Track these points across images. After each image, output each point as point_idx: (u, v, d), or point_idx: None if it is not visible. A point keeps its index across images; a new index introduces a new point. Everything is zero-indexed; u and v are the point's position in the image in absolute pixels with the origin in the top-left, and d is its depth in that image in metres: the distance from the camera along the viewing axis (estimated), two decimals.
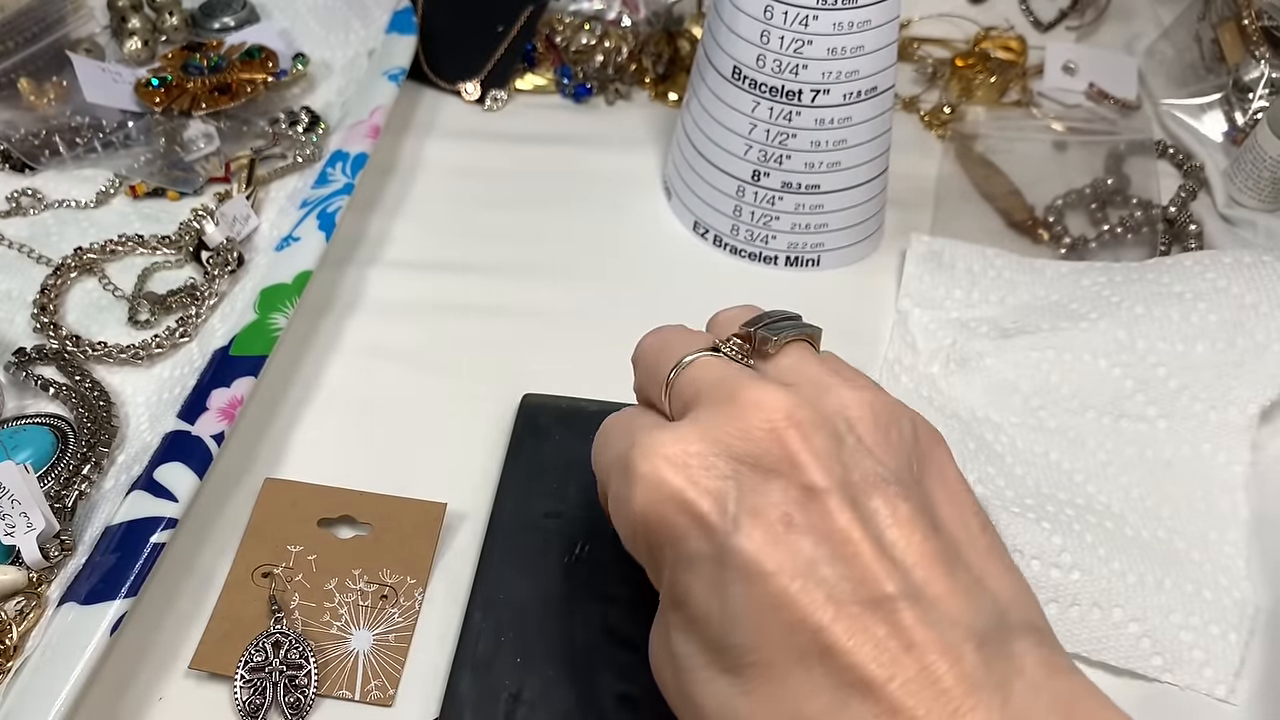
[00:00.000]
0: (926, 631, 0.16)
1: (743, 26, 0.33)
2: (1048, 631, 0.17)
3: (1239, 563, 0.28)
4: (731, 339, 0.20)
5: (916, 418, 0.19)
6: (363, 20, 0.44)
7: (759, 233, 0.37)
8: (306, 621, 0.26)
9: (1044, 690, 0.16)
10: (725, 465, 0.17)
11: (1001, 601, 0.17)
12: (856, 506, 0.17)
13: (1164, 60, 0.45)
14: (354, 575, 0.26)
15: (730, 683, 0.17)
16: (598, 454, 0.22)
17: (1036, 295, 0.35)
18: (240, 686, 0.24)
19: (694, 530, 0.17)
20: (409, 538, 0.27)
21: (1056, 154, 0.42)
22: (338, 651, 0.25)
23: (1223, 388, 0.31)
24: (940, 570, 0.17)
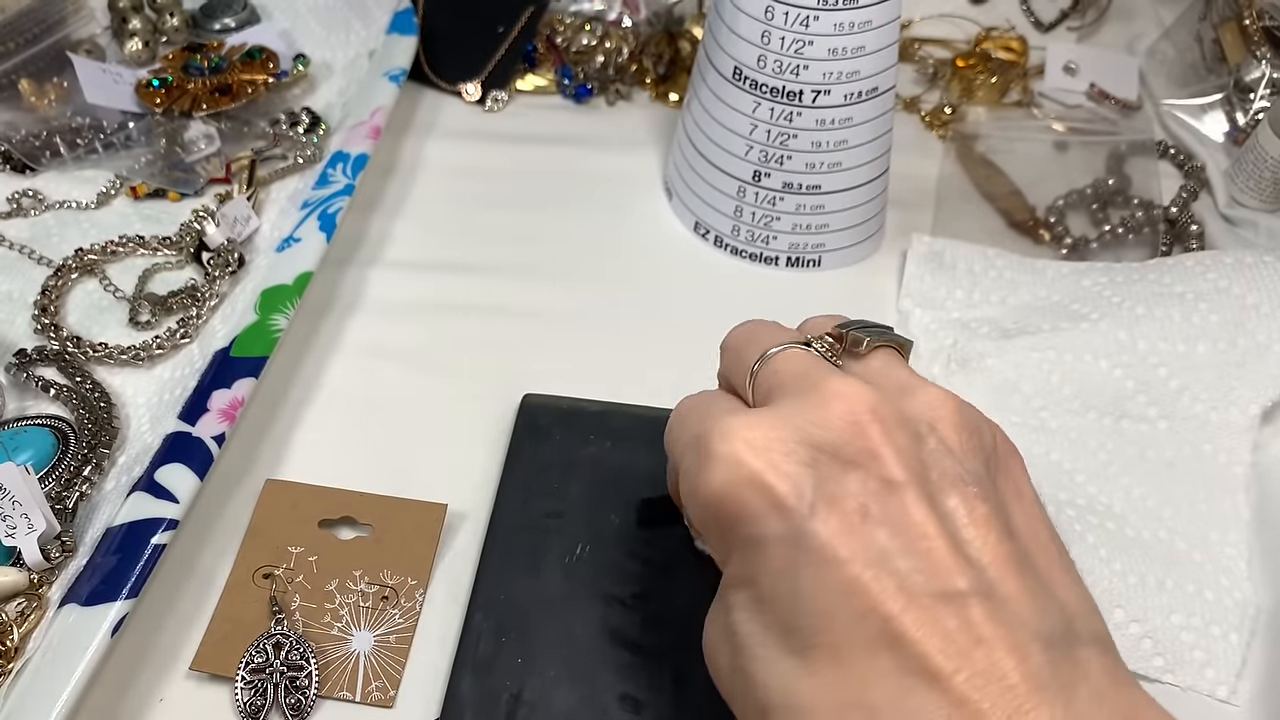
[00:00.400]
0: (996, 628, 0.16)
1: (743, 27, 0.33)
2: (1112, 645, 0.18)
3: (1240, 563, 0.28)
4: (823, 336, 0.21)
5: (996, 429, 0.20)
6: (363, 21, 0.44)
7: (760, 233, 0.37)
8: (307, 623, 0.26)
9: (1106, 699, 0.16)
10: (805, 452, 0.18)
11: (1069, 610, 0.17)
12: (934, 503, 0.17)
13: (1165, 60, 0.45)
14: (355, 576, 0.26)
15: (795, 664, 0.17)
16: (672, 433, 0.22)
17: (1037, 296, 0.35)
18: (241, 687, 0.24)
19: (770, 512, 0.17)
20: (410, 539, 0.27)
21: (1057, 154, 0.42)
22: (338, 652, 0.25)
23: (1224, 388, 0.31)
24: (1012, 572, 0.17)
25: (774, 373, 0.20)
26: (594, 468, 0.29)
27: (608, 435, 0.29)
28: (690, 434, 0.20)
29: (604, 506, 0.28)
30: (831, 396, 0.18)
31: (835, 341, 0.20)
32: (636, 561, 0.27)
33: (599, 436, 0.30)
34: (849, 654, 0.16)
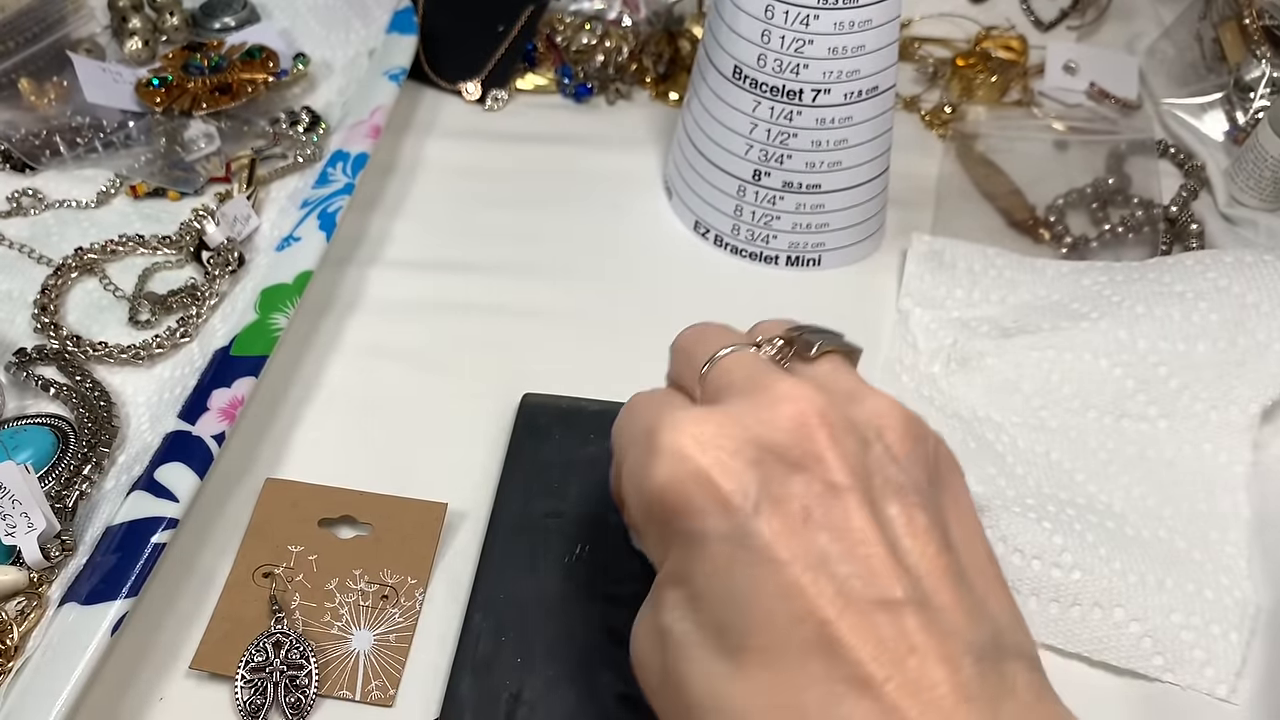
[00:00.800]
0: (929, 638, 0.16)
1: (743, 26, 0.33)
2: (1038, 661, 0.18)
3: (1240, 562, 0.28)
4: (773, 340, 0.20)
5: (940, 441, 0.20)
6: (363, 20, 0.44)
7: (760, 232, 0.37)
8: (307, 622, 0.26)
9: (1032, 713, 0.16)
10: (752, 452, 0.17)
11: (1000, 624, 0.17)
12: (875, 509, 0.17)
13: (1165, 59, 0.45)
14: (354, 575, 0.26)
15: (727, 666, 0.17)
16: (621, 426, 0.21)
17: (1037, 295, 0.35)
18: (241, 686, 0.24)
19: (714, 509, 0.17)
20: (409, 538, 0.27)
21: (1057, 153, 0.42)
22: (338, 652, 0.25)
23: (1224, 387, 0.31)
24: (948, 583, 0.17)
25: (723, 373, 0.20)
26: (594, 468, 0.29)
27: (607, 435, 0.29)
28: (638, 428, 0.20)
29: (604, 506, 0.28)
30: (780, 399, 0.18)
31: (785, 345, 0.20)
32: (636, 561, 0.27)
33: (599, 436, 0.30)
34: (782, 657, 0.16)
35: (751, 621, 0.16)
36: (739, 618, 0.17)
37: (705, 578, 0.17)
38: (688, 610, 0.18)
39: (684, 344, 0.22)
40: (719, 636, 0.17)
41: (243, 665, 0.25)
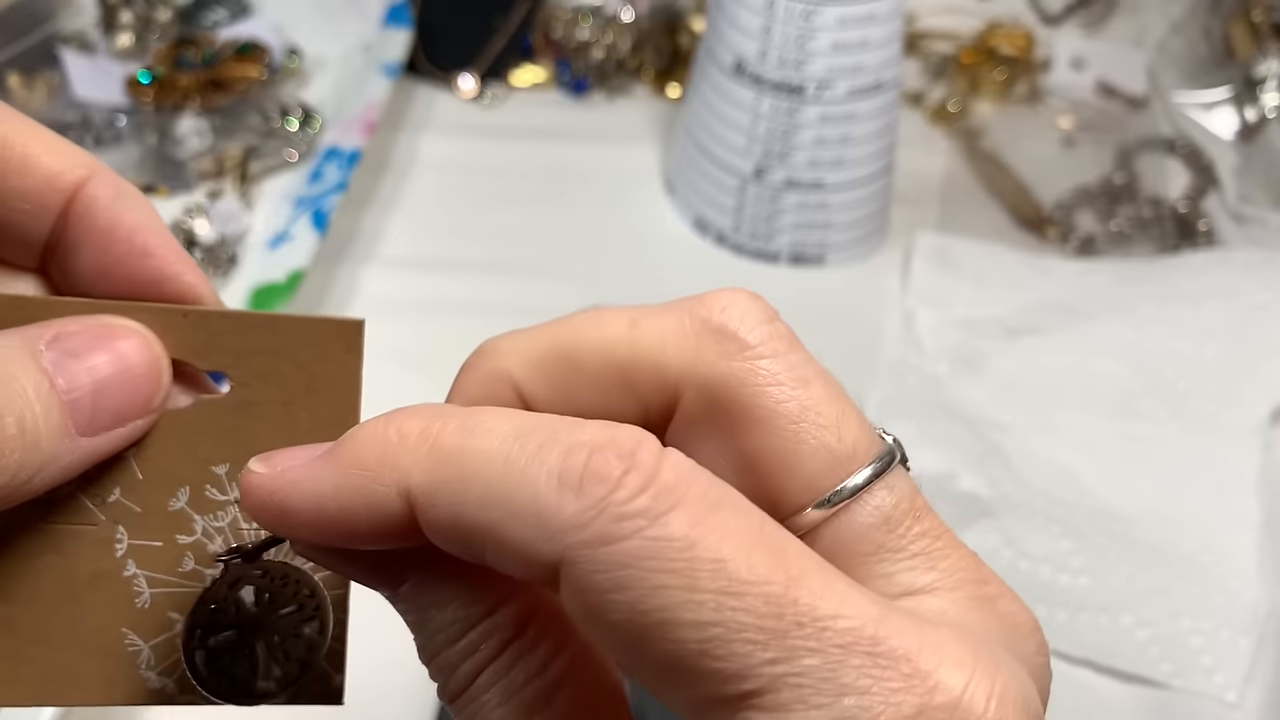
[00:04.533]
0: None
1: (745, 20, 0.33)
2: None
3: (1250, 566, 0.28)
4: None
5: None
6: (357, 14, 0.43)
7: (762, 230, 0.36)
8: (149, 576, 0.14)
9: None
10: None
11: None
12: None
13: (1173, 55, 0.44)
14: (217, 474, 0.14)
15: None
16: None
17: (1044, 294, 0.34)
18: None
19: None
20: (307, 392, 0.14)
21: (1064, 150, 0.41)
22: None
23: (1233, 388, 0.31)
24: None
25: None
26: None
27: None
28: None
29: None
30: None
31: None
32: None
33: None
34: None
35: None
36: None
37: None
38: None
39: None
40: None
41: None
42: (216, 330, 0.14)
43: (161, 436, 0.14)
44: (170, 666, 0.14)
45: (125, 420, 0.13)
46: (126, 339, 0.13)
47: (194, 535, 0.14)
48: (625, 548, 0.10)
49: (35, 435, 0.12)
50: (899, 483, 0.12)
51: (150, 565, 0.14)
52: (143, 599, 0.14)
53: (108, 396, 0.12)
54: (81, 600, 0.14)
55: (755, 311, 0.12)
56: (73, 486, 0.13)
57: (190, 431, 0.14)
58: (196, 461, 0.14)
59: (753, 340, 0.12)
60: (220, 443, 0.14)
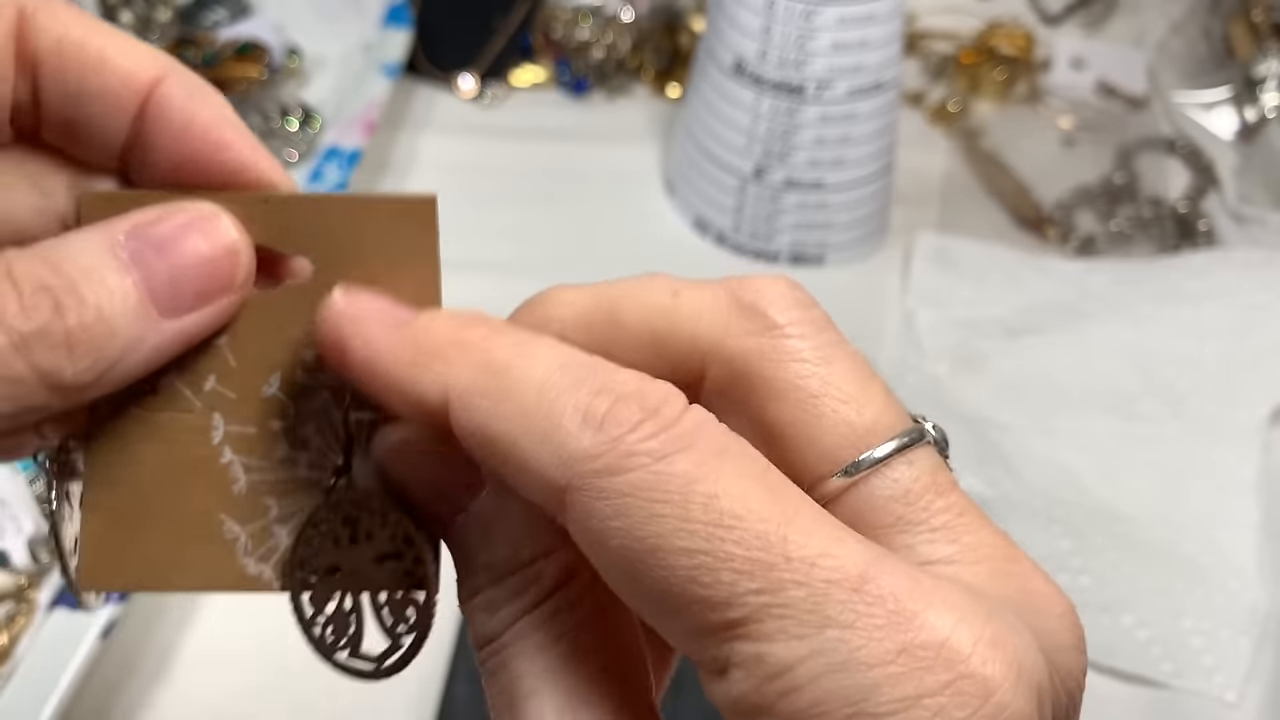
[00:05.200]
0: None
1: (745, 20, 0.33)
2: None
3: (1250, 566, 0.28)
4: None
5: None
6: (357, 14, 0.43)
7: (762, 230, 0.36)
8: (249, 463, 0.14)
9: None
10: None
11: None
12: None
13: (1173, 55, 0.44)
14: (308, 361, 0.14)
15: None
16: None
17: (1044, 294, 0.34)
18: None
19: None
20: (384, 269, 0.14)
21: (1064, 150, 0.41)
22: (312, 503, 0.14)
23: (1233, 388, 0.31)
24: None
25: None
26: None
27: None
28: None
29: None
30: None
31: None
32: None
33: None
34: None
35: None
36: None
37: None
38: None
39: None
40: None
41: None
42: (296, 214, 0.14)
43: (250, 322, 0.14)
44: (266, 553, 0.14)
45: (208, 300, 0.13)
46: (202, 220, 0.13)
47: (287, 421, 0.14)
48: (629, 479, 0.10)
49: (115, 321, 0.12)
50: (921, 459, 0.12)
51: (245, 452, 0.14)
52: (239, 485, 0.14)
53: (187, 277, 0.13)
54: (181, 486, 0.14)
55: (789, 295, 0.13)
56: (170, 375, 0.13)
57: (278, 316, 0.14)
58: (286, 346, 0.14)
59: (781, 320, 0.12)
60: (308, 328, 0.14)
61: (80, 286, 0.12)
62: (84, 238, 0.12)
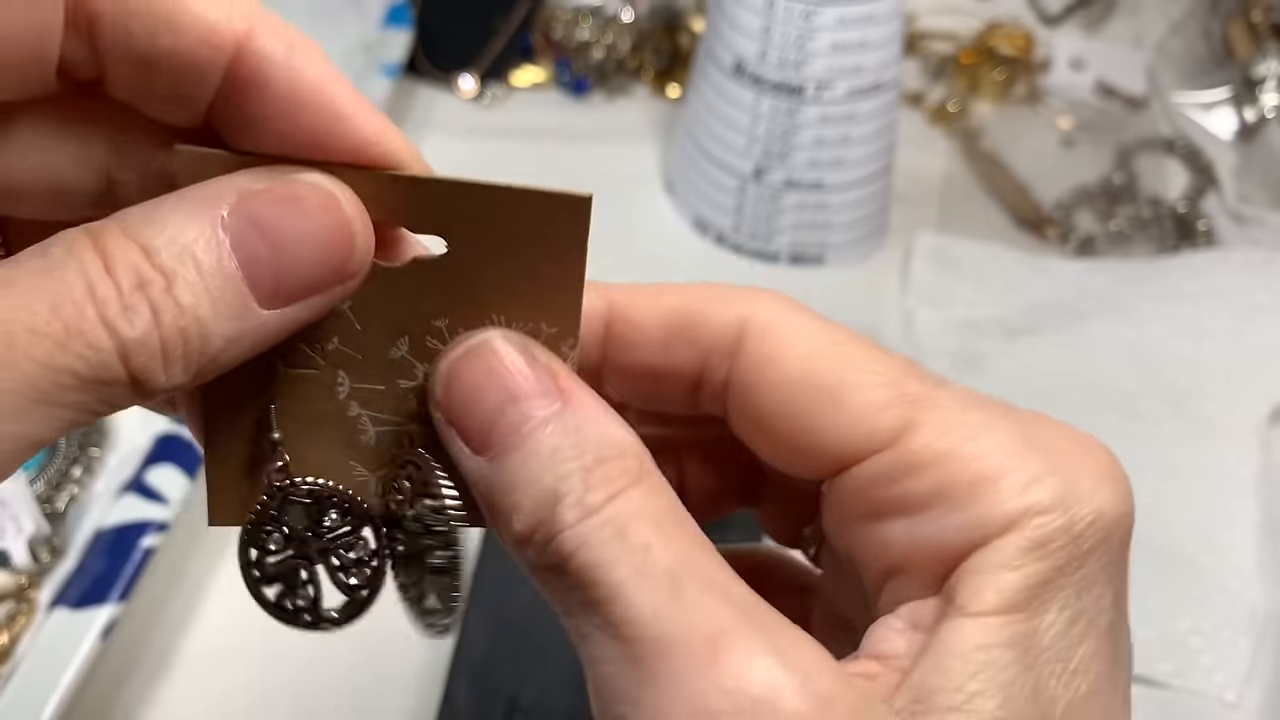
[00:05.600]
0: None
1: (745, 21, 0.33)
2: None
3: (1249, 566, 0.28)
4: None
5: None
6: (357, 14, 0.43)
7: (761, 230, 0.36)
8: (378, 417, 0.14)
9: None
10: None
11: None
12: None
13: (1172, 56, 0.44)
14: (439, 328, 0.14)
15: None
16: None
17: (1044, 294, 0.34)
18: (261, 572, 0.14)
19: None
20: (535, 253, 0.14)
21: (1064, 151, 0.41)
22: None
23: (1233, 388, 0.31)
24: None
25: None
26: None
27: None
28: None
29: None
30: None
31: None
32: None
33: None
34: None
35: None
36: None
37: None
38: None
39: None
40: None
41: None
42: (429, 197, 0.13)
43: (378, 293, 0.13)
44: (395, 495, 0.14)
45: (317, 290, 0.12)
46: (315, 199, 0.11)
47: (417, 380, 0.14)
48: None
49: (210, 324, 0.11)
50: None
51: (375, 407, 0.14)
52: (368, 436, 0.14)
53: (294, 265, 0.11)
54: (305, 435, 0.14)
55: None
56: (292, 336, 0.13)
57: (407, 289, 0.13)
58: (416, 315, 0.14)
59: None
60: (439, 299, 0.14)
61: (176, 284, 0.11)
62: (182, 213, 0.11)
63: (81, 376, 0.10)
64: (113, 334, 0.10)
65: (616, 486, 0.12)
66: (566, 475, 0.12)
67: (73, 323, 0.10)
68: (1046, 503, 0.12)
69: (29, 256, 0.11)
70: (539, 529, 0.12)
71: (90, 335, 0.10)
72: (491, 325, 0.14)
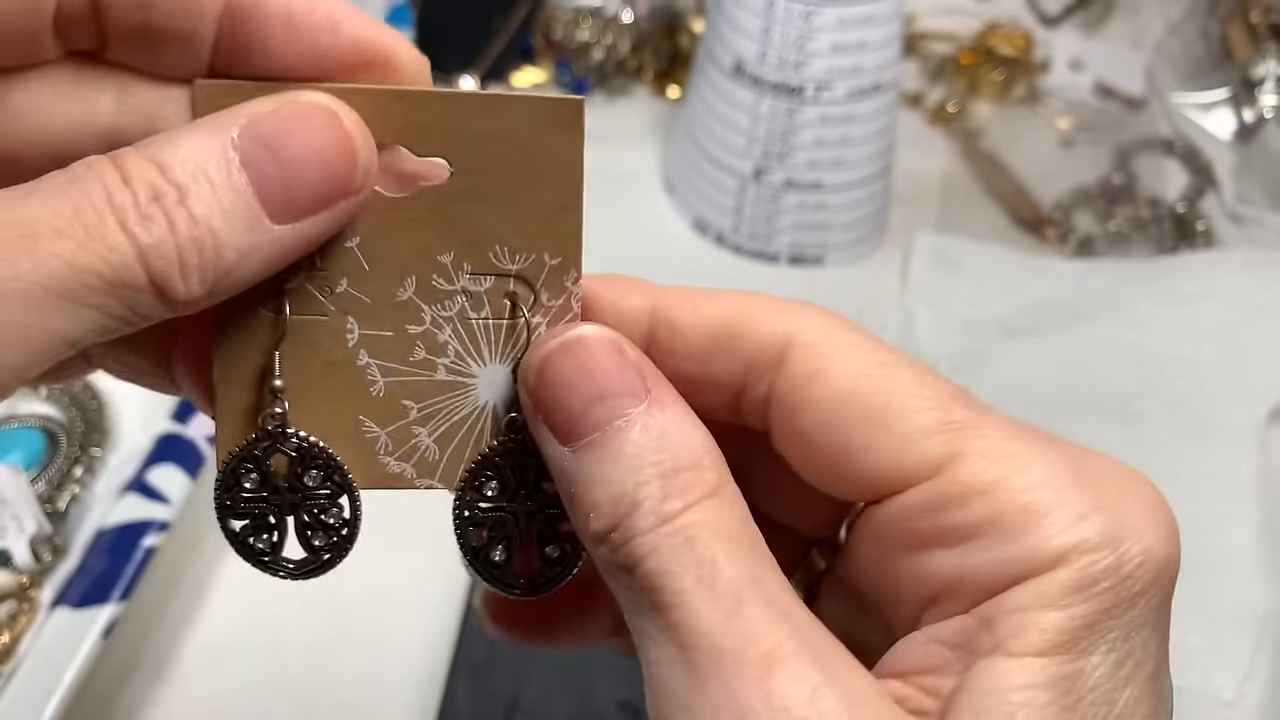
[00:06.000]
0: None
1: (745, 22, 0.33)
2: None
3: (1248, 566, 0.28)
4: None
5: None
6: None
7: (761, 230, 0.36)
8: (386, 366, 0.14)
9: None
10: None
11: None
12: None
13: (1171, 56, 0.44)
14: (444, 265, 0.14)
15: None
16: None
17: (1044, 294, 0.34)
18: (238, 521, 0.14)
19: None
20: (526, 174, 0.14)
21: (1063, 151, 0.41)
22: (457, 411, 0.14)
23: (1232, 388, 0.31)
24: None
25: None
26: None
27: None
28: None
29: None
30: None
31: None
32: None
33: None
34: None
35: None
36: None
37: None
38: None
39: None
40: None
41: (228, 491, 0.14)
42: (434, 112, 0.13)
43: (384, 225, 0.13)
44: (408, 452, 0.14)
45: (324, 204, 0.12)
46: (318, 116, 0.12)
47: (423, 325, 0.14)
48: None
49: (223, 235, 0.11)
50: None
51: (382, 355, 0.14)
52: (377, 387, 0.14)
53: (301, 181, 0.12)
54: (319, 389, 0.14)
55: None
56: (299, 277, 0.13)
57: (412, 220, 0.13)
58: (421, 250, 0.14)
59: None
60: (444, 231, 0.14)
61: (189, 197, 0.11)
62: (195, 136, 0.11)
63: (105, 278, 0.11)
64: (131, 239, 0.11)
65: (692, 497, 0.12)
66: (646, 481, 0.12)
67: (93, 226, 0.11)
68: (1095, 540, 0.12)
69: (52, 175, 0.11)
70: (615, 530, 0.13)
71: (110, 238, 0.11)
72: (497, 263, 0.14)
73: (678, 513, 0.12)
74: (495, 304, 0.14)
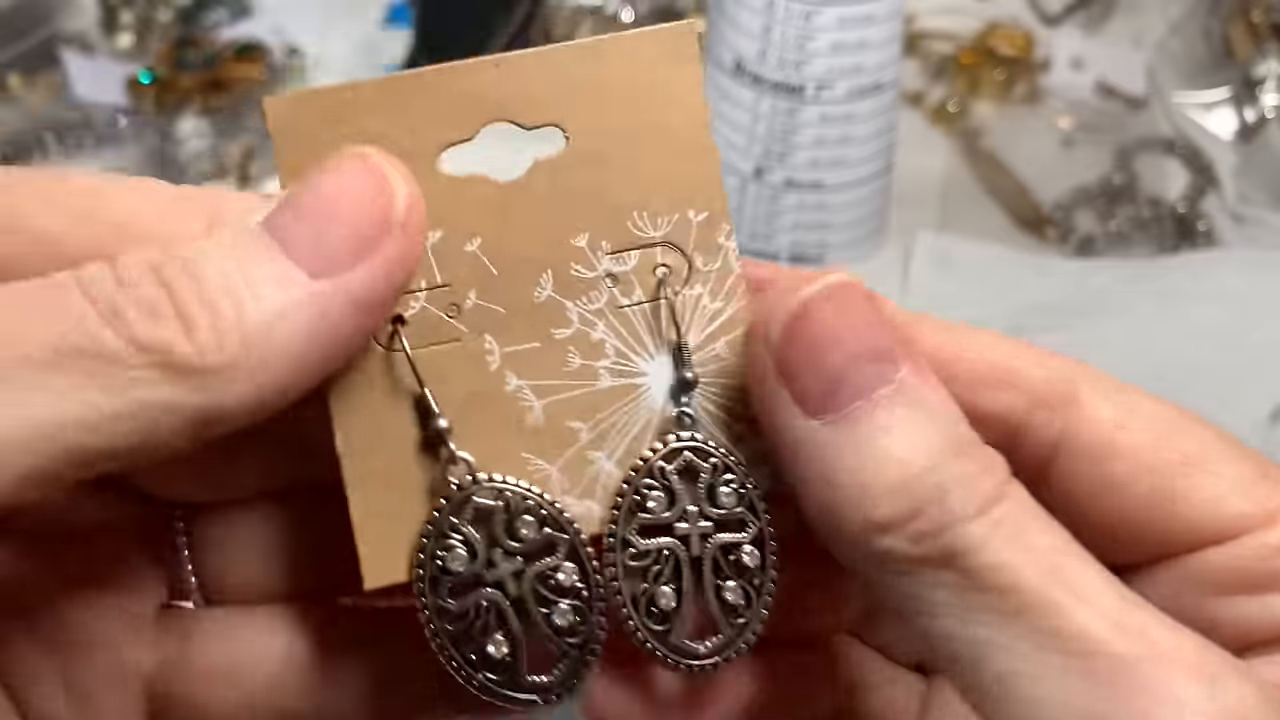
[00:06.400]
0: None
1: (745, 20, 0.33)
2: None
3: None
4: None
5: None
6: (357, 14, 0.43)
7: (761, 230, 0.36)
8: (540, 385, 0.12)
9: None
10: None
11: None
12: None
13: (1172, 56, 0.44)
14: (580, 250, 0.12)
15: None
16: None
17: (1044, 294, 0.34)
18: None
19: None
20: (649, 123, 0.12)
21: (1064, 151, 0.41)
22: (635, 419, 0.12)
23: (1232, 388, 0.31)
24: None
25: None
26: None
27: None
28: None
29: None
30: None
31: None
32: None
33: None
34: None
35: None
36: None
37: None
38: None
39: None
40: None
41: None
42: (535, 76, 0.11)
43: (506, 220, 0.11)
44: (588, 486, 0.11)
45: (368, 248, 0.10)
46: (345, 162, 0.11)
47: (571, 327, 0.11)
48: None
49: (242, 286, 0.10)
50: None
51: (532, 373, 0.11)
52: (534, 414, 0.11)
53: (330, 226, 0.10)
54: (463, 431, 0.11)
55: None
56: (416, 302, 0.11)
57: (533, 205, 0.11)
58: (551, 238, 0.11)
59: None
60: (572, 209, 0.11)
61: (193, 265, 0.10)
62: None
63: (86, 354, 0.10)
64: (109, 311, 0.10)
65: (1000, 475, 0.11)
66: (943, 463, 0.10)
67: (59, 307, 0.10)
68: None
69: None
70: (917, 518, 0.10)
71: (75, 310, 0.10)
72: (638, 233, 0.11)
73: (997, 495, 0.10)
74: (646, 283, 0.12)
